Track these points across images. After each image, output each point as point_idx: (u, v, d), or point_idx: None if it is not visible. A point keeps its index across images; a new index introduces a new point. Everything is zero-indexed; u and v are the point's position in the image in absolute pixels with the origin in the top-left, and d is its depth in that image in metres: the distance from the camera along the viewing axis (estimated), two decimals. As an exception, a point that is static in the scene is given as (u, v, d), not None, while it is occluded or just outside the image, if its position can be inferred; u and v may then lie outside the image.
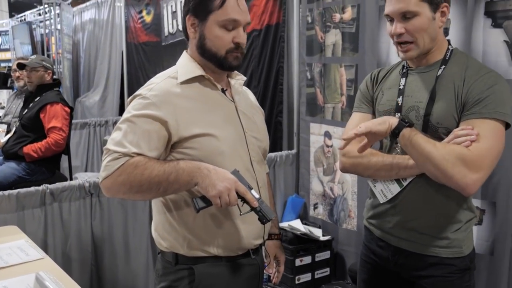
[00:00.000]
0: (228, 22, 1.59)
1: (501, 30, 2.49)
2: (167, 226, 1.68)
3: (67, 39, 7.67)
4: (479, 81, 1.60)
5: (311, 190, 3.76)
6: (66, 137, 3.92)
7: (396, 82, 1.78)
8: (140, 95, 1.61)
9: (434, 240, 1.69)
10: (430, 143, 1.56)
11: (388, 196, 1.74)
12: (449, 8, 1.68)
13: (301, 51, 3.75)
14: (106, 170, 1.55)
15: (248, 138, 1.69)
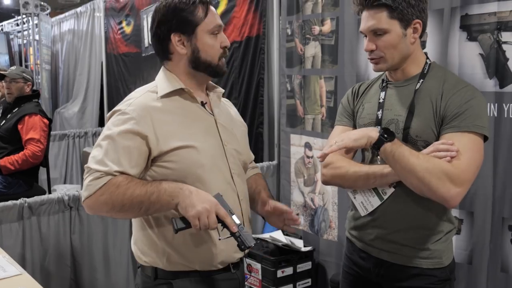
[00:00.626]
0: (216, 29, 1.65)
1: (476, 44, 2.54)
2: (146, 241, 1.67)
3: (45, 50, 7.61)
4: (456, 95, 1.64)
5: (292, 201, 3.77)
6: (44, 149, 3.88)
7: (376, 95, 1.81)
8: (119, 111, 1.61)
9: (415, 251, 1.72)
10: (413, 155, 1.57)
11: (369, 208, 1.76)
12: (423, 24, 1.71)
13: (281, 63, 3.77)
14: (87, 190, 1.55)
15: (227, 151, 1.70)
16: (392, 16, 1.64)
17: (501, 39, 2.45)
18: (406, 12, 1.64)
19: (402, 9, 1.63)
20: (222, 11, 4.27)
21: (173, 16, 1.63)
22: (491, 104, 2.50)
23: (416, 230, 1.72)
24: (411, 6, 1.65)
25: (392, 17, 1.64)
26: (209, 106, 1.72)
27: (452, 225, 1.78)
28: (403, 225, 1.72)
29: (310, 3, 3.48)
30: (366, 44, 1.71)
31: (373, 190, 1.73)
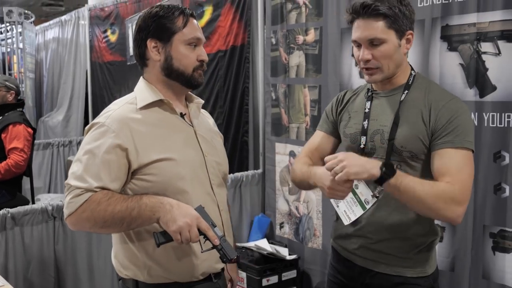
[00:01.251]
0: (193, 40, 1.65)
1: (456, 54, 2.59)
2: (127, 254, 1.67)
3: (29, 58, 7.55)
4: (446, 108, 1.66)
5: (277, 209, 3.78)
6: (27, 158, 3.85)
7: (362, 105, 1.83)
8: (97, 124, 1.61)
9: (399, 260, 1.74)
10: (417, 184, 1.56)
11: (352, 217, 1.77)
12: (414, 35, 1.74)
13: (266, 72, 3.80)
14: (69, 208, 1.55)
15: (208, 161, 1.71)
16: (389, 26, 1.65)
17: (481, 49, 2.49)
18: (402, 23, 1.66)
19: (398, 19, 1.65)
20: (207, 20, 4.29)
21: (152, 22, 1.65)
22: (471, 113, 2.54)
23: (400, 240, 1.74)
24: (405, 17, 1.67)
25: (389, 27, 1.65)
26: (188, 117, 1.73)
27: (435, 235, 1.80)
28: (387, 234, 1.74)
29: (294, 13, 3.52)
30: (362, 54, 1.69)
31: (356, 199, 1.75)
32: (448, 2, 2.59)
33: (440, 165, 1.63)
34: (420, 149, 1.68)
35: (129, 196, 1.57)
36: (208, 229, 1.53)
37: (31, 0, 16.08)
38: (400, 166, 1.69)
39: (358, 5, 1.67)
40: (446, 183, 1.58)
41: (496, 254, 2.52)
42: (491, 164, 2.49)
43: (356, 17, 1.69)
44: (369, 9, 1.64)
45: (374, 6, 1.64)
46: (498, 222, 2.49)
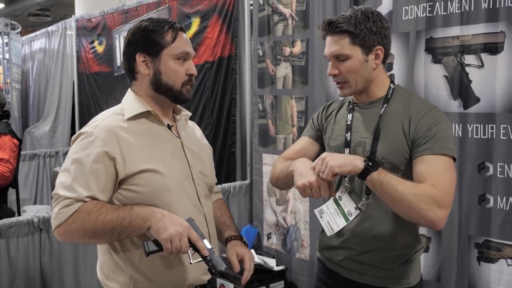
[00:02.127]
0: (182, 55, 1.66)
1: (440, 66, 2.63)
2: (113, 266, 1.66)
3: (15, 69, 7.52)
4: (425, 117, 1.69)
5: (264, 220, 3.79)
6: (13, 169, 3.82)
7: (344, 117, 1.86)
8: (85, 133, 1.61)
9: (384, 271, 1.75)
10: (399, 183, 1.57)
11: (335, 229, 1.78)
12: (385, 50, 1.75)
13: (253, 83, 3.82)
14: (58, 218, 1.54)
15: (194, 173, 1.71)
16: (353, 42, 1.69)
17: (464, 61, 2.53)
18: (368, 39, 1.69)
19: (364, 35, 1.68)
20: (195, 32, 4.30)
21: (141, 36, 1.65)
22: (455, 124, 2.58)
23: (385, 251, 1.75)
24: (372, 33, 1.70)
25: (353, 43, 1.69)
26: (175, 129, 1.74)
27: (419, 245, 1.82)
28: (371, 246, 1.75)
29: (281, 25, 3.55)
30: (329, 69, 1.76)
31: (339, 210, 1.77)
32: (432, 15, 2.63)
33: (420, 171, 1.63)
34: (401, 160, 1.70)
35: (119, 206, 1.57)
36: (198, 240, 1.53)
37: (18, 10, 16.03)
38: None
39: (325, 22, 1.73)
40: (429, 185, 1.58)
41: (481, 264, 2.54)
42: (476, 175, 2.52)
43: (326, 34, 1.75)
44: (334, 26, 1.70)
45: (337, 23, 1.69)
46: (483, 233, 2.52)
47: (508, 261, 2.45)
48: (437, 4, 2.61)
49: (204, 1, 4.19)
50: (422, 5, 2.66)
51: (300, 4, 3.38)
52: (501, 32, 2.41)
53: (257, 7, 3.72)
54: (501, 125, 2.42)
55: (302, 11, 3.38)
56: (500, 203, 2.46)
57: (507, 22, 2.38)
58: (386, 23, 1.76)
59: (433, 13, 2.63)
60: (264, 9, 3.66)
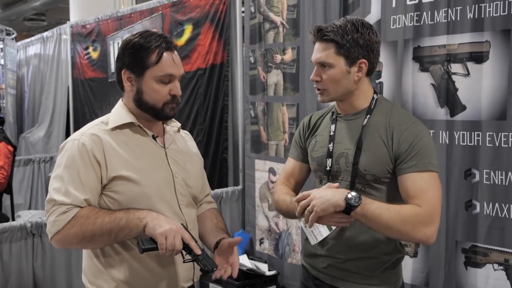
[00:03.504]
0: (165, 77, 1.66)
1: (428, 74, 2.67)
2: (94, 271, 1.70)
3: (10, 74, 7.53)
4: (408, 131, 1.71)
5: (257, 225, 3.82)
6: (7, 176, 3.85)
7: (327, 128, 1.88)
8: (72, 140, 1.66)
9: (366, 278, 1.79)
10: (383, 210, 1.61)
11: (318, 238, 1.82)
12: (370, 64, 1.77)
13: (245, 90, 3.86)
14: (56, 226, 1.58)
15: (177, 182, 1.74)
16: (338, 52, 1.71)
17: (451, 70, 2.58)
18: (353, 51, 1.71)
19: (349, 47, 1.70)
20: (187, 39, 4.34)
21: (128, 53, 1.68)
22: (442, 132, 2.62)
23: (366, 259, 1.79)
24: (358, 46, 1.71)
25: (338, 53, 1.71)
26: (161, 140, 1.77)
27: (400, 254, 1.85)
28: (354, 254, 1.79)
29: (272, 33, 3.59)
30: (312, 74, 1.80)
31: None
32: (420, 25, 2.68)
33: (406, 190, 1.68)
34: (382, 172, 1.73)
35: (115, 210, 1.62)
36: (190, 239, 1.58)
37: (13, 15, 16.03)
38: (364, 188, 1.75)
39: (315, 28, 1.76)
40: (412, 207, 1.63)
41: (468, 269, 2.58)
42: (462, 181, 2.57)
43: (315, 40, 1.78)
44: (322, 33, 1.73)
45: (325, 31, 1.72)
46: (470, 238, 2.56)
47: (495, 265, 2.49)
48: (424, 13, 2.66)
49: (197, 8, 4.23)
50: (410, 15, 2.71)
51: (291, 12, 3.43)
52: (486, 41, 2.45)
53: (249, 15, 3.77)
54: (487, 133, 2.47)
55: (292, 19, 3.43)
56: (486, 209, 2.50)
57: (492, 31, 2.43)
58: (376, 37, 1.77)
59: (420, 23, 2.68)
60: (255, 17, 3.70)
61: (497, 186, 2.45)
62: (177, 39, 4.45)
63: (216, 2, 4.04)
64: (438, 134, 2.64)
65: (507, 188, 2.41)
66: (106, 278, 1.67)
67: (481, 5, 2.46)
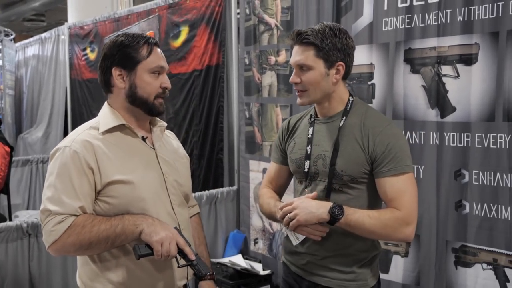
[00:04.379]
0: (157, 69, 1.72)
1: (419, 76, 2.71)
2: (90, 275, 1.72)
3: (9, 75, 7.56)
4: (383, 134, 1.78)
5: (251, 225, 3.85)
6: (4, 176, 3.88)
7: (305, 131, 1.94)
8: (64, 147, 1.66)
9: (343, 274, 1.85)
10: (365, 217, 1.72)
11: (300, 238, 1.88)
12: (347, 67, 1.84)
13: (240, 91, 3.89)
14: (52, 235, 1.59)
15: (168, 182, 1.77)
16: (318, 55, 1.78)
17: (441, 72, 2.61)
18: (332, 54, 1.78)
19: (328, 50, 1.77)
20: (183, 40, 4.38)
21: (118, 51, 1.70)
22: (433, 133, 2.65)
23: (343, 256, 1.85)
24: (337, 49, 1.79)
25: (317, 56, 1.78)
26: (150, 141, 1.80)
27: (377, 250, 1.92)
28: (331, 251, 1.85)
29: (266, 35, 3.62)
30: (292, 76, 1.85)
31: None
32: (411, 27, 2.71)
33: (386, 193, 1.77)
34: (359, 173, 1.79)
35: (110, 216, 1.63)
36: (185, 245, 1.62)
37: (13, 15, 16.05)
38: (342, 188, 1.82)
39: (295, 32, 1.82)
40: (391, 211, 1.74)
41: (458, 269, 2.62)
42: (452, 181, 2.60)
43: (294, 43, 1.84)
44: (301, 37, 1.79)
45: (305, 35, 1.78)
46: (460, 238, 2.59)
47: (484, 265, 2.53)
48: (415, 16, 2.69)
49: (193, 10, 4.26)
50: (401, 17, 2.74)
51: (285, 14, 3.46)
52: (475, 43, 2.49)
53: (244, 17, 3.80)
54: (476, 134, 2.50)
55: (286, 21, 3.46)
56: (475, 209, 2.53)
57: (481, 34, 2.46)
58: (352, 42, 1.84)
59: (411, 25, 2.71)
60: (250, 18, 3.74)
61: (486, 187, 2.48)
62: (174, 40, 4.49)
63: (212, 4, 4.08)
64: (429, 135, 2.67)
65: (496, 189, 2.45)
66: (102, 281, 1.69)
67: (471, 8, 2.49)
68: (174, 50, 4.48)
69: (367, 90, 2.93)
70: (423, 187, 2.70)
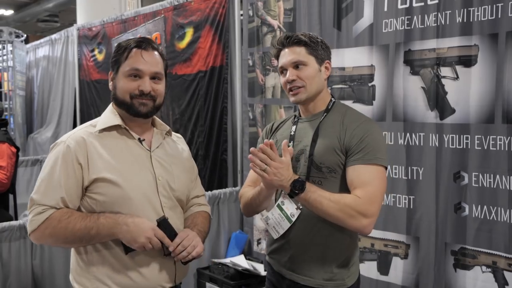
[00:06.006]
0: (132, 72, 1.74)
1: (418, 77, 2.70)
2: (78, 269, 1.76)
3: (19, 76, 7.65)
4: (359, 128, 1.84)
5: (254, 226, 3.86)
6: (10, 176, 3.91)
7: (288, 129, 2.00)
8: (59, 143, 1.74)
9: (320, 273, 1.87)
10: (324, 199, 1.75)
11: (280, 231, 1.90)
12: (331, 65, 1.96)
13: (243, 92, 3.90)
14: (32, 225, 1.67)
15: (160, 185, 1.78)
16: (309, 52, 1.90)
17: (441, 73, 2.61)
18: (320, 52, 1.92)
19: (317, 48, 1.90)
20: (188, 42, 4.40)
21: (114, 54, 1.79)
22: (432, 135, 2.65)
23: (323, 250, 1.86)
24: (323, 49, 1.94)
25: (309, 53, 1.90)
26: (148, 143, 1.82)
27: (354, 250, 1.94)
28: (310, 245, 1.87)
29: (269, 36, 3.63)
30: (288, 75, 1.90)
31: (283, 214, 1.88)
32: (410, 28, 2.71)
33: (351, 180, 1.80)
34: (335, 163, 1.83)
35: (87, 215, 1.68)
36: (163, 237, 1.67)
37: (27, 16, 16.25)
38: (321, 182, 1.84)
39: (282, 37, 1.93)
40: (352, 197, 1.76)
41: (457, 271, 2.61)
42: (451, 184, 2.59)
43: (282, 48, 1.93)
44: (292, 38, 1.91)
45: (295, 36, 1.92)
46: (459, 240, 2.59)
47: (483, 268, 2.51)
48: (414, 17, 2.69)
49: (197, 12, 4.28)
50: (401, 18, 2.74)
51: (288, 16, 3.47)
52: (474, 45, 2.48)
53: (247, 18, 3.81)
54: (475, 136, 2.50)
55: (289, 23, 3.47)
56: (475, 211, 2.52)
57: (480, 35, 2.45)
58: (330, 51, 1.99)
59: (411, 26, 2.71)
60: (253, 20, 3.75)
61: (485, 189, 2.47)
62: (179, 42, 4.51)
63: (216, 5, 4.10)
64: (428, 137, 2.67)
65: (495, 191, 2.44)
66: (88, 276, 1.73)
67: (470, 9, 2.49)
68: (179, 52, 4.50)
69: (368, 92, 2.93)
70: (422, 189, 2.70)
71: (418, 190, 2.73)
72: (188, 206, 1.95)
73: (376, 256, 2.92)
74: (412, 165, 2.74)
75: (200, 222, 1.89)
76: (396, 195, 2.80)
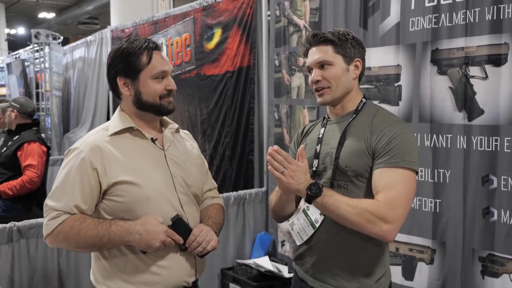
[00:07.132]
0: (159, 74, 1.76)
1: (446, 77, 2.62)
2: (102, 270, 1.78)
3: (56, 77, 7.83)
4: (388, 128, 1.74)
5: (279, 227, 3.83)
6: (41, 175, 4.00)
7: (317, 131, 1.93)
8: (74, 149, 1.75)
9: (344, 283, 1.79)
10: (342, 204, 1.66)
11: (304, 237, 1.84)
12: (362, 66, 1.86)
13: (270, 93, 3.88)
14: (46, 229, 1.71)
15: (176, 182, 1.80)
16: (336, 51, 1.81)
17: (469, 73, 2.52)
18: (349, 50, 1.83)
19: (345, 47, 1.81)
20: (217, 42, 4.41)
21: (120, 61, 1.75)
22: (460, 136, 2.56)
23: (347, 259, 1.78)
24: (353, 47, 1.84)
25: (336, 52, 1.81)
26: (160, 142, 1.84)
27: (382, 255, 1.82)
28: (334, 253, 1.79)
29: (295, 36, 3.60)
30: (313, 75, 1.84)
31: (307, 220, 1.81)
32: (438, 27, 2.63)
33: (374, 184, 1.71)
34: (362, 167, 1.74)
35: (99, 221, 1.70)
36: (173, 234, 1.70)
37: (69, 19, 16.70)
38: (347, 186, 1.76)
39: (310, 35, 1.86)
40: (371, 201, 1.66)
41: (485, 279, 2.51)
42: (479, 187, 2.50)
43: (309, 47, 1.85)
44: (318, 37, 1.84)
45: (322, 34, 1.84)
46: (487, 246, 2.49)
47: (511, 276, 2.41)
48: (442, 15, 2.61)
49: (225, 12, 4.29)
50: (428, 17, 2.66)
51: (313, 15, 3.43)
52: (505, 43, 2.39)
53: (274, 18, 3.79)
54: (505, 138, 2.40)
55: (314, 22, 3.43)
56: (504, 216, 2.43)
57: (511, 33, 2.36)
58: (363, 45, 1.90)
59: (438, 25, 2.63)
60: (280, 20, 3.72)
61: (515, 194, 2.37)
62: (208, 42, 4.53)
63: (244, 5, 4.09)
64: (456, 139, 2.58)
65: (525, 196, 2.34)
66: (112, 277, 1.75)
67: (500, 6, 2.39)
68: (208, 52, 4.52)
69: (394, 92, 2.86)
70: (449, 193, 2.62)
71: (444, 193, 2.64)
72: (201, 200, 1.98)
73: (401, 260, 2.85)
74: (439, 168, 2.66)
75: (214, 214, 1.93)
76: (421, 198, 2.72)
